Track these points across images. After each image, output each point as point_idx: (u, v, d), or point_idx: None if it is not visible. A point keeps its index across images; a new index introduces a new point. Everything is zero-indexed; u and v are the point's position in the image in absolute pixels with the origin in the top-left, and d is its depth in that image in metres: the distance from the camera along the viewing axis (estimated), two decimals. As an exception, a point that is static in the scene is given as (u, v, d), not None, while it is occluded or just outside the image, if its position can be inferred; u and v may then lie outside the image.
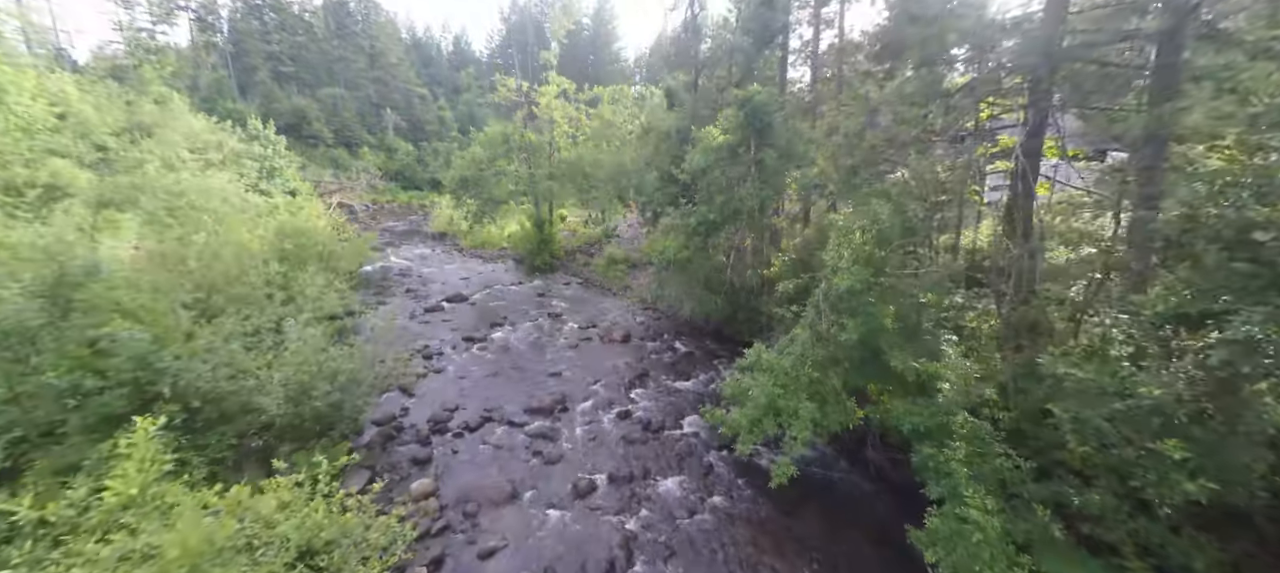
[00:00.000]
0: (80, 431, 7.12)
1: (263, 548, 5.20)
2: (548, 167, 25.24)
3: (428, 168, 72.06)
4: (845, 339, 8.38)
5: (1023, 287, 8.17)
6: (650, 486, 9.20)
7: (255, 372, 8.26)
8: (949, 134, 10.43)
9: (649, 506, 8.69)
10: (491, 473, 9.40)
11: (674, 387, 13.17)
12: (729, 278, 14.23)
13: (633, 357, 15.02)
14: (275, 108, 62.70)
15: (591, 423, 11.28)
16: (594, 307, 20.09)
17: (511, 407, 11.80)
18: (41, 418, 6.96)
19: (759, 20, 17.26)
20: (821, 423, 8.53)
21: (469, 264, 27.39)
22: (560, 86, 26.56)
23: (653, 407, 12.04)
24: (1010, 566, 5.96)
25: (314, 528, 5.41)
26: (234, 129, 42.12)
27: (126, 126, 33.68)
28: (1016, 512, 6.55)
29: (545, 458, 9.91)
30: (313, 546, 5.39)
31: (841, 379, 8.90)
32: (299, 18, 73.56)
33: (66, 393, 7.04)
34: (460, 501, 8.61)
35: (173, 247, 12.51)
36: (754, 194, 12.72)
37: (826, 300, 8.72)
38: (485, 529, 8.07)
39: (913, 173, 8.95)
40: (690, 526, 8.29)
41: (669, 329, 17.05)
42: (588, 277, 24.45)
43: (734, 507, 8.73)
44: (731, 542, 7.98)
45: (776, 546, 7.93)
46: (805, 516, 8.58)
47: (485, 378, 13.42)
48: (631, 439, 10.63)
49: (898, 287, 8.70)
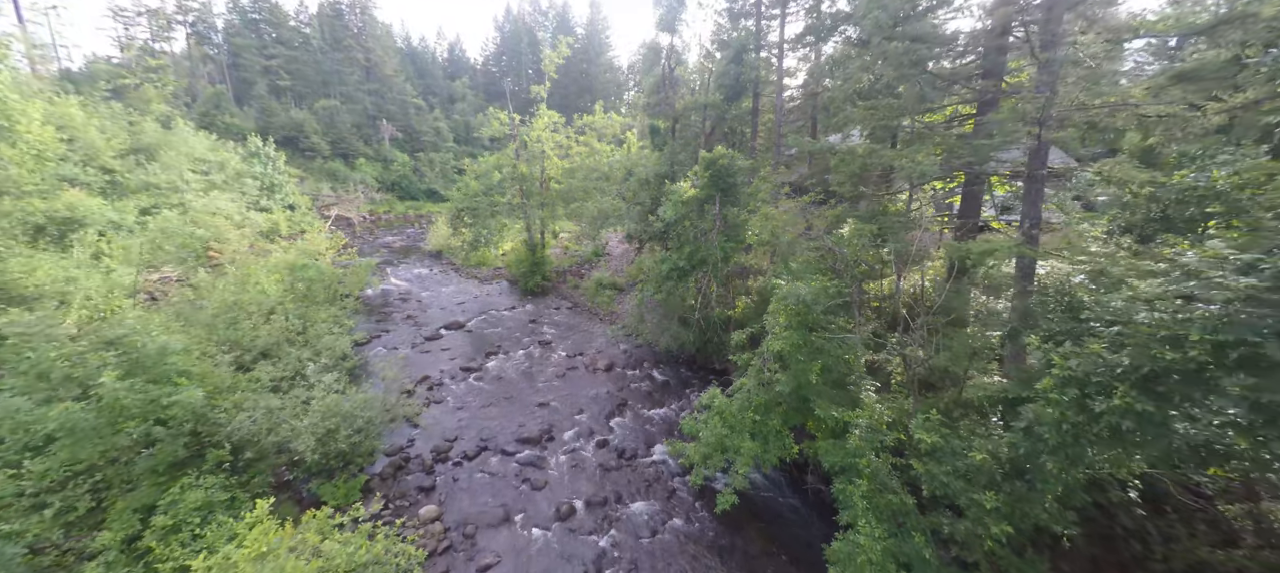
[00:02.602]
0: (148, 474, 8.73)
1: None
2: (539, 197, 26.91)
3: (424, 178, 73.51)
4: (781, 387, 10.16)
5: (928, 339, 9.97)
6: (621, 508, 10.93)
7: (290, 422, 9.88)
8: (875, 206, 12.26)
9: (619, 526, 10.42)
10: (487, 499, 11.10)
11: (648, 415, 14.91)
12: (698, 316, 16.00)
13: (614, 385, 16.74)
14: (273, 121, 63.87)
15: (573, 451, 13.00)
16: (582, 332, 21.79)
17: (504, 436, 13.49)
18: (120, 468, 8.54)
19: (730, 76, 19.03)
20: (763, 457, 10.29)
21: (465, 286, 28.97)
22: (551, 120, 28.23)
23: (628, 434, 13.77)
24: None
25: (357, 556, 7.07)
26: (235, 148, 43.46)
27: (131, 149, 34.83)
28: (903, 537, 8.32)
29: (532, 484, 11.61)
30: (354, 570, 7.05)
31: (781, 419, 10.67)
32: (296, 31, 74.60)
33: (140, 444, 8.65)
34: (461, 524, 10.30)
35: (207, 310, 13.98)
36: (718, 247, 14.51)
37: (766, 354, 10.49)
38: (482, 549, 9.76)
39: (834, 252, 10.72)
40: (652, 544, 10.01)
41: (648, 357, 18.78)
42: (577, 300, 26.13)
43: (689, 527, 10.47)
44: (685, 556, 9.71)
45: (722, 561, 9.67)
46: (748, 534, 10.33)
47: (481, 407, 15.10)
48: (608, 467, 12.36)
49: (824, 346, 10.46)
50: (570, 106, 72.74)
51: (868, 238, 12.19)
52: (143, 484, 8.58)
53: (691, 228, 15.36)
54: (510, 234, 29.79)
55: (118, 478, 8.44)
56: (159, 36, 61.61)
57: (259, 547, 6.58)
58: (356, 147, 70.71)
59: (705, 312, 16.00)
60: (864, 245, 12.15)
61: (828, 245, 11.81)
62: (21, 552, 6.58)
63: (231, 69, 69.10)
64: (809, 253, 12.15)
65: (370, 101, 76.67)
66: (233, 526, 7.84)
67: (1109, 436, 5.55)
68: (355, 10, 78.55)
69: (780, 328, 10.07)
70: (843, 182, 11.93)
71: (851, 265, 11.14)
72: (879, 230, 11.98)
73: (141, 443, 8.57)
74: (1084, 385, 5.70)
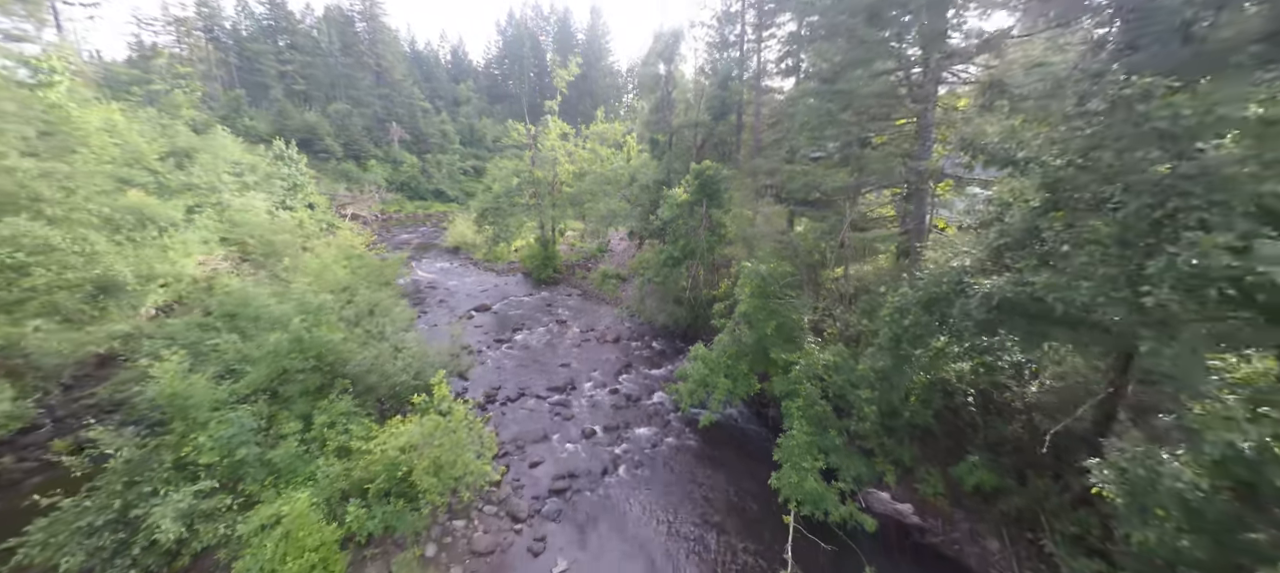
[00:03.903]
0: (299, 395, 12.47)
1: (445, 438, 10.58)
2: (551, 198, 30.70)
3: (432, 179, 76.76)
4: (747, 341, 14.01)
5: (848, 303, 13.85)
6: (629, 432, 14.76)
7: (391, 361, 13.62)
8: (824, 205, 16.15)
9: (628, 443, 14.24)
10: (529, 426, 14.89)
11: (649, 373, 18.74)
12: (689, 296, 19.82)
13: (621, 353, 20.56)
14: (288, 123, 67.01)
15: (591, 396, 16.82)
16: (591, 314, 25.59)
17: (536, 386, 17.29)
18: (286, 389, 12.24)
19: (717, 99, 22.89)
20: (734, 392, 14.12)
21: (484, 277, 32.72)
22: (561, 130, 32.03)
23: (633, 386, 17.60)
24: (813, 460, 11.55)
25: (457, 415, 10.85)
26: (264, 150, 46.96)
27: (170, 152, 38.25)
28: (823, 434, 12.17)
29: (562, 417, 15.42)
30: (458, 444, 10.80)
31: (748, 364, 14.50)
32: (308, 35, 77.84)
33: (299, 371, 12.39)
34: (512, 440, 14.09)
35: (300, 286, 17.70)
36: (705, 241, 18.33)
37: (737, 317, 14.34)
38: (530, 456, 13.54)
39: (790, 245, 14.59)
40: (652, 453, 13.84)
41: (648, 332, 22.60)
42: (585, 289, 29.93)
43: (680, 442, 14.32)
44: (676, 460, 13.55)
45: (702, 462, 13.51)
46: (722, 447, 14.19)
47: (515, 368, 18.88)
48: (618, 406, 16.19)
49: (779, 309, 14.30)
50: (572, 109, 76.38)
51: (818, 233, 16.09)
52: (297, 402, 12.31)
53: (684, 225, 19.18)
54: (524, 231, 33.54)
55: (281, 397, 12.19)
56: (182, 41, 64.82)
57: (398, 428, 10.39)
58: (367, 148, 73.90)
59: (695, 292, 19.84)
60: (814, 240, 16.06)
61: (785, 239, 15.68)
62: (254, 424, 10.30)
63: (239, 71, 72.21)
64: (772, 244, 16.00)
65: (380, 105, 79.92)
66: (370, 426, 11.60)
67: (914, 340, 9.46)
68: (366, 17, 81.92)
69: (747, 296, 13.92)
70: (796, 191, 15.79)
71: (804, 254, 14.99)
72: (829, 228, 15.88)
73: (300, 371, 12.31)
74: (903, 313, 9.57)
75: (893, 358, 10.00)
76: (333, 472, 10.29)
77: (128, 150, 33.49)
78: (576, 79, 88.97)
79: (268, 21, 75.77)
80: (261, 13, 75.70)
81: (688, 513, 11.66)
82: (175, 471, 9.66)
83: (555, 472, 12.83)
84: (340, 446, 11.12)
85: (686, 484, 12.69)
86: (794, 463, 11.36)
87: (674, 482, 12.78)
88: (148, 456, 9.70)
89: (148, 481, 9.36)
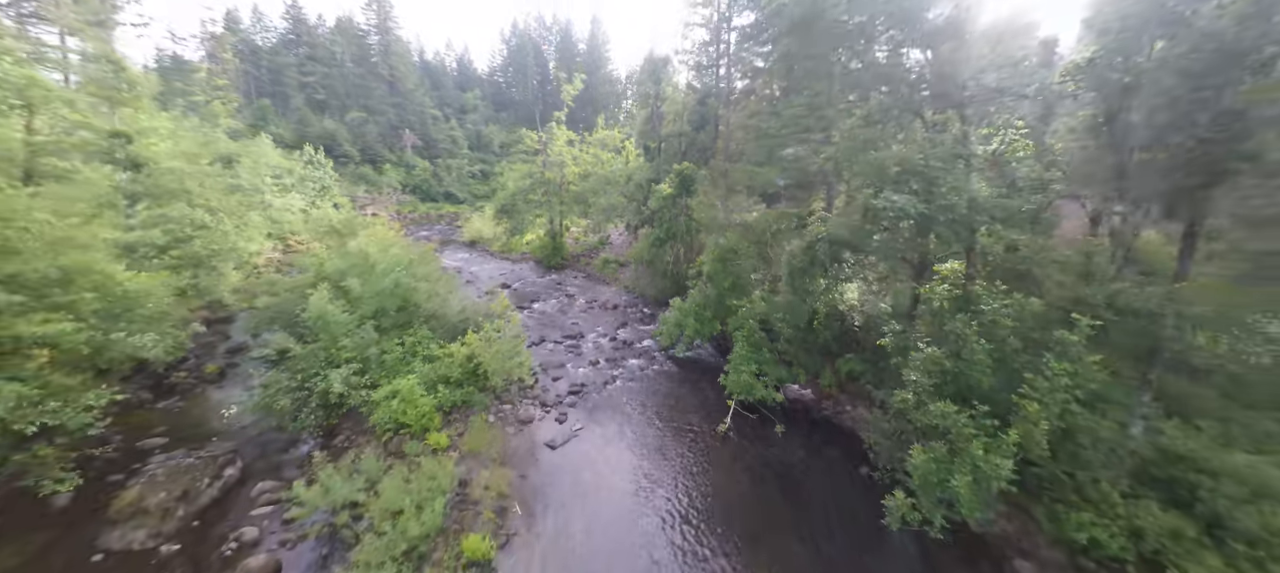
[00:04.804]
0: (392, 328, 17.65)
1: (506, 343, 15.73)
2: (560, 196, 35.98)
3: (442, 182, 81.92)
4: (710, 293, 19.21)
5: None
6: (625, 362, 19.92)
7: (448, 307, 18.78)
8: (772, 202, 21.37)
9: (624, 368, 19.40)
10: (551, 358, 20.05)
11: (640, 328, 23.92)
12: (673, 270, 25.02)
13: (619, 316, 25.74)
14: (309, 130, 72.22)
15: (596, 342, 22.00)
16: (594, 290, 30.79)
17: (553, 336, 22.47)
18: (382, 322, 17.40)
19: (697, 114, 28.19)
20: (700, 332, 19.32)
21: (501, 265, 37.92)
22: (568, 137, 37.34)
23: (628, 335, 22.79)
24: (749, 366, 16.68)
25: (509, 333, 15.99)
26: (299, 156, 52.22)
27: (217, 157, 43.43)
28: (759, 354, 17.29)
29: (574, 353, 20.59)
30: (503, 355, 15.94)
31: (712, 312, 19.69)
32: (328, 49, 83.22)
33: (393, 310, 17.56)
34: (540, 365, 19.22)
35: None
36: (685, 225, 23.54)
37: (703, 278, 19.56)
38: (552, 374, 18.68)
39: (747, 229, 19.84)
40: (641, 374, 19.00)
41: (641, 302, 27.79)
42: (589, 273, 35.13)
43: (661, 368, 19.49)
44: (658, 378, 18.72)
45: (676, 380, 18.68)
46: (692, 371, 19.36)
47: (536, 325, 24.06)
48: (617, 348, 21.37)
49: (736, 270, 19.47)
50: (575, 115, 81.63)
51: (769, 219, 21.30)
52: (391, 332, 17.46)
53: (668, 213, 24.39)
54: (535, 226, 38.81)
55: (380, 327, 17.35)
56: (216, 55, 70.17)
57: (468, 341, 15.59)
58: (382, 153, 79.07)
59: (677, 267, 25.03)
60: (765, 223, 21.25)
61: (744, 222, 20.88)
62: (374, 337, 15.43)
63: (256, 81, 77.34)
64: (735, 228, 21.17)
65: (393, 113, 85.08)
66: (446, 346, 16.76)
67: (802, 276, 14.65)
68: (380, 31, 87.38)
69: (711, 262, 19.13)
70: (754, 189, 21.01)
71: (757, 233, 20.18)
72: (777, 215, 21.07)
73: (396, 308, 17.47)
74: (794, 258, 14.75)
75: (793, 292, 15.19)
76: (424, 369, 15.46)
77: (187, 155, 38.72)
78: (580, 88, 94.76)
79: (290, 36, 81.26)
80: (284, 28, 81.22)
81: (663, 405, 16.84)
82: (326, 364, 14.78)
83: (570, 384, 18.00)
84: (426, 355, 16.31)
85: (664, 391, 17.89)
86: (736, 369, 16.55)
87: (655, 390, 17.97)
88: (312, 352, 14.82)
89: (312, 366, 14.49)
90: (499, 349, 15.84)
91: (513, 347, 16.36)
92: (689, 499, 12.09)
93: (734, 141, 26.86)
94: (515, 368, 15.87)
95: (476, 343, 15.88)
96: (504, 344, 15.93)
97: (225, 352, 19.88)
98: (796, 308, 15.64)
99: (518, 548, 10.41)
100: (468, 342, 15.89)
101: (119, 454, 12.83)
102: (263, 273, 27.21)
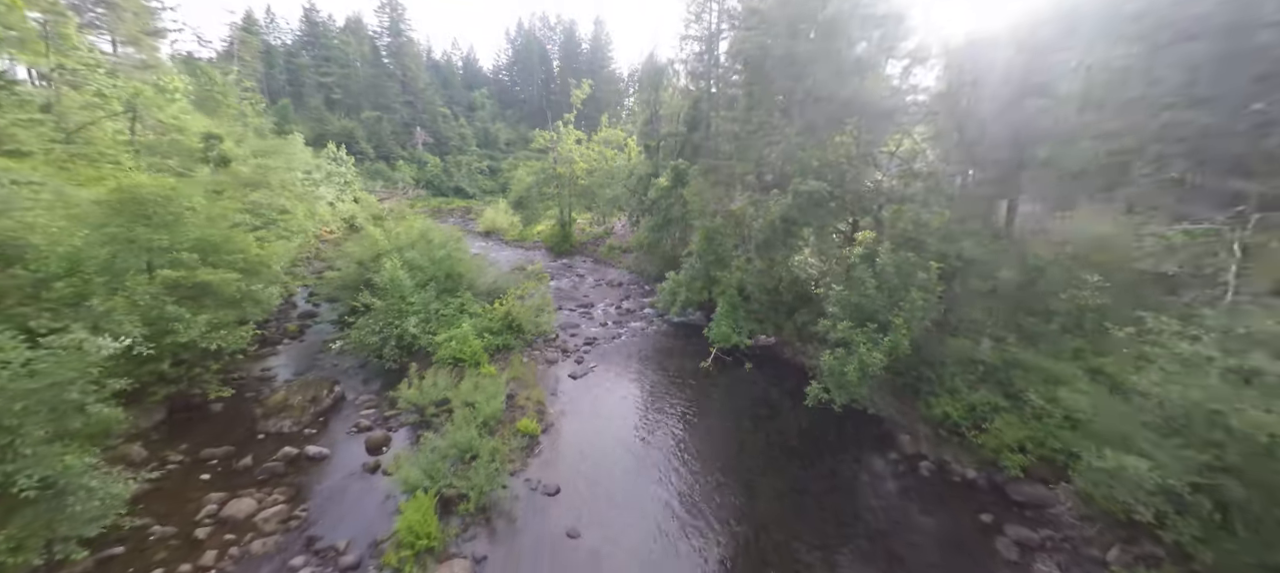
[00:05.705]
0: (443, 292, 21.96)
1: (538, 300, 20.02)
2: (569, 190, 40.21)
3: (452, 177, 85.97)
4: (699, 267, 23.49)
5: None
6: (628, 324, 24.22)
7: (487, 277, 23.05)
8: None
9: (628, 329, 23.69)
10: (567, 320, 24.33)
11: (642, 300, 28.21)
12: (670, 253, 29.26)
13: (623, 292, 30.01)
14: (327, 129, 76.22)
15: (604, 310, 26.30)
16: (602, 272, 35.05)
17: (568, 306, 26.76)
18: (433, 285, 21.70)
19: (690, 116, 32.40)
20: (691, 299, 23.59)
21: (516, 252, 42.14)
22: (577, 136, 41.53)
23: (632, 305, 27.09)
24: (729, 321, 20.93)
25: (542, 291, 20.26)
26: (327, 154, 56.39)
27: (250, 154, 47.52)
28: (737, 313, 21.51)
29: (587, 317, 24.90)
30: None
31: (702, 282, 23.94)
32: (343, 50, 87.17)
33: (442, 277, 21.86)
34: (559, 325, 23.49)
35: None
36: (680, 215, 27.77)
37: (693, 256, 23.81)
38: (569, 331, 22.95)
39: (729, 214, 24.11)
40: (642, 333, 23.29)
41: (643, 281, 32.06)
42: (596, 258, 39.38)
43: (660, 330, 23.79)
44: (656, 336, 23.00)
45: (671, 337, 22.96)
46: (684, 331, 23.65)
47: (553, 297, 28.31)
48: (622, 314, 25.67)
49: (720, 247, 23.68)
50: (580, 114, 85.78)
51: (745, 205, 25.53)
52: (443, 297, 21.74)
53: (665, 203, 28.61)
54: (547, 217, 43.07)
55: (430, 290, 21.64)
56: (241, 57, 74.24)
57: (506, 300, 19.88)
58: (395, 150, 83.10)
59: (673, 250, 29.30)
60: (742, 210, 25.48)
61: (729, 209, 25.11)
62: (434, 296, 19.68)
63: (270, 80, 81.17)
64: (723, 215, 25.40)
65: (406, 111, 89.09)
66: (486, 307, 21.02)
67: (770, 247, 18.89)
68: (392, 33, 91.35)
69: (699, 242, 23.37)
70: (735, 181, 25.23)
71: (738, 217, 24.44)
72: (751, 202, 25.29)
73: (445, 276, 21.74)
74: (761, 231, 18.97)
75: (762, 262, 19.42)
76: (472, 323, 19.75)
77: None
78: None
79: (308, 38, 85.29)
80: (302, 30, 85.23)
81: (659, 352, 21.14)
82: (399, 315, 19.04)
83: (585, 339, 22.29)
84: (471, 312, 20.62)
85: (660, 344, 22.20)
86: (718, 324, 20.86)
87: (653, 343, 22.27)
88: (388, 306, 19.09)
89: (388, 318, 18.76)
90: (530, 306, 20.12)
91: (541, 304, 20.65)
92: (676, 410, 16.39)
93: (721, 141, 31.08)
94: (543, 322, 20.17)
95: (513, 302, 20.17)
96: (535, 300, 20.22)
97: (297, 317, 24.21)
98: (765, 275, 19.89)
99: (554, 433, 14.73)
100: (507, 299, 20.18)
101: (249, 378, 17.20)
102: (310, 258, 31.52)
